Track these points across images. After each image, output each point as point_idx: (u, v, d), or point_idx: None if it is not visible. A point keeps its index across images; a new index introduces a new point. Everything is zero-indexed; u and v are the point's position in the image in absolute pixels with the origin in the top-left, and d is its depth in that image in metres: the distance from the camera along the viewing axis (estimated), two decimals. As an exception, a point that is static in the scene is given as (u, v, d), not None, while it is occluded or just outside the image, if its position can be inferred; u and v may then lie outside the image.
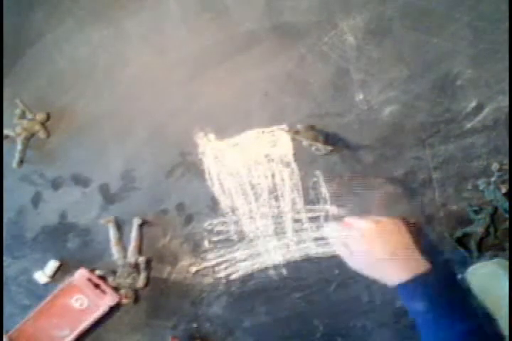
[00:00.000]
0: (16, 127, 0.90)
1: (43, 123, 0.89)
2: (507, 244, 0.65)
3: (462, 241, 0.67)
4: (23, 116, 0.91)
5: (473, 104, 0.66)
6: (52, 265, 0.88)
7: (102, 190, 0.87)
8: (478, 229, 0.66)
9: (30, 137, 0.90)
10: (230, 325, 0.79)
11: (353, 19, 0.70)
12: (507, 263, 0.64)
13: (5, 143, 0.92)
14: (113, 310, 0.85)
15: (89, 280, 0.84)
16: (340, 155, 0.73)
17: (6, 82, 0.93)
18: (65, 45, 0.89)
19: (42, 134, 0.89)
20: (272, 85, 0.75)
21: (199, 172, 0.80)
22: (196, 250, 0.81)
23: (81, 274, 0.85)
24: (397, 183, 0.70)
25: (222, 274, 0.79)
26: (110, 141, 0.86)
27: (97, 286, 0.84)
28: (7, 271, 0.93)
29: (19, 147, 0.89)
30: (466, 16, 0.65)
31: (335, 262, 0.73)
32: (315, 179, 0.74)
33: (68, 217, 0.90)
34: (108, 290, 0.84)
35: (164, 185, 0.83)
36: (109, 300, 0.83)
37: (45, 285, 0.88)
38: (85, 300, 0.84)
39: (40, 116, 0.89)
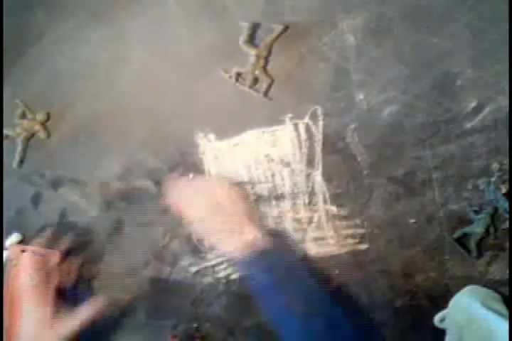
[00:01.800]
0: (16, 127, 0.90)
1: (43, 124, 0.89)
2: (507, 244, 0.65)
3: (462, 241, 0.67)
4: (23, 116, 0.91)
5: (473, 104, 0.66)
6: (15, 238, 0.89)
7: (102, 190, 0.87)
8: (478, 229, 0.66)
9: (30, 137, 0.90)
10: (230, 325, 0.79)
11: (353, 19, 0.70)
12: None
13: (5, 143, 0.92)
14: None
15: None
16: (340, 155, 0.73)
17: (5, 81, 0.93)
18: (65, 45, 0.89)
19: (42, 134, 0.89)
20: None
21: (199, 172, 0.80)
22: (196, 250, 0.81)
23: (14, 249, 0.84)
24: (397, 183, 0.70)
25: (222, 274, 0.79)
26: (110, 141, 0.86)
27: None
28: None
29: (19, 147, 0.89)
30: (466, 16, 0.65)
31: (335, 262, 0.73)
32: (315, 179, 0.74)
33: (68, 217, 0.90)
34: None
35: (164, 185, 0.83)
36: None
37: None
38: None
39: (40, 117, 0.89)
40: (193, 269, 0.81)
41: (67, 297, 0.78)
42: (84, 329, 0.73)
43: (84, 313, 0.75)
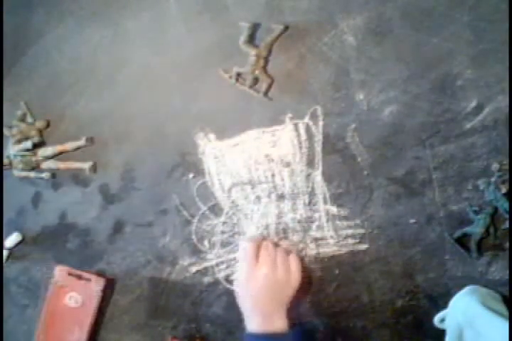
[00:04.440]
0: (12, 128, 0.90)
1: (40, 130, 0.89)
2: (507, 244, 0.65)
3: (462, 241, 0.67)
4: (23, 118, 0.91)
5: (473, 104, 0.66)
6: (15, 238, 0.89)
7: (102, 190, 0.87)
8: (478, 229, 0.66)
9: (23, 140, 0.90)
10: (230, 325, 0.79)
11: (353, 19, 0.70)
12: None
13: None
14: (113, 305, 0.85)
15: (70, 274, 0.84)
16: (340, 155, 0.73)
17: (5, 82, 0.93)
18: (65, 45, 0.89)
19: (36, 140, 0.89)
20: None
21: (199, 172, 0.80)
22: (196, 250, 0.81)
23: (61, 271, 0.85)
24: (397, 183, 0.70)
25: (222, 274, 0.79)
26: (110, 141, 0.86)
27: (79, 277, 0.84)
28: (7, 271, 0.93)
29: (9, 147, 0.90)
30: (466, 16, 0.65)
31: (335, 262, 0.73)
32: (315, 179, 0.74)
33: (68, 217, 0.90)
34: (90, 276, 0.84)
35: (164, 185, 0.83)
36: (95, 285, 0.83)
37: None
38: (77, 296, 0.84)
39: (40, 123, 0.89)
40: (193, 269, 0.81)
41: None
42: None
43: None
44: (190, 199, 0.81)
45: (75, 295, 0.84)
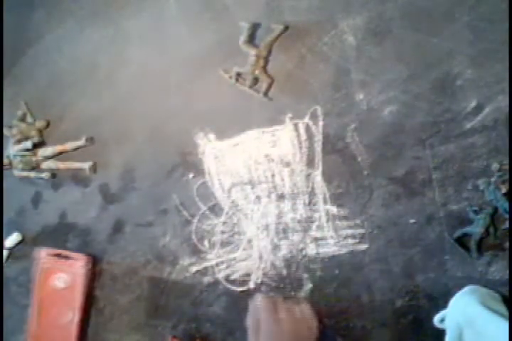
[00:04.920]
0: (12, 128, 0.90)
1: (40, 130, 0.89)
2: (507, 244, 0.65)
3: (462, 241, 0.67)
4: (23, 118, 0.91)
5: (473, 104, 0.66)
6: (15, 238, 0.89)
7: (102, 190, 0.87)
8: (478, 229, 0.66)
9: (23, 140, 0.90)
10: (230, 325, 0.79)
11: (353, 19, 0.70)
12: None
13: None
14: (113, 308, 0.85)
15: (54, 255, 0.85)
16: (340, 155, 0.73)
17: (5, 82, 0.93)
18: (65, 45, 0.89)
19: (36, 140, 0.89)
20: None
21: (199, 172, 0.80)
22: (196, 250, 0.81)
23: (44, 253, 0.85)
24: (397, 183, 0.70)
25: (222, 274, 0.79)
26: (110, 141, 0.86)
27: (63, 257, 0.85)
28: (7, 271, 0.93)
29: (9, 147, 0.90)
30: (466, 16, 0.65)
31: (335, 262, 0.73)
32: (315, 179, 0.74)
33: (68, 217, 0.90)
34: (73, 254, 0.85)
35: (164, 185, 0.83)
36: (80, 262, 0.84)
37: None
38: (65, 276, 0.84)
39: (40, 123, 0.89)
40: (193, 269, 0.81)
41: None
42: None
43: None
44: (190, 199, 0.81)
45: (62, 276, 0.84)
